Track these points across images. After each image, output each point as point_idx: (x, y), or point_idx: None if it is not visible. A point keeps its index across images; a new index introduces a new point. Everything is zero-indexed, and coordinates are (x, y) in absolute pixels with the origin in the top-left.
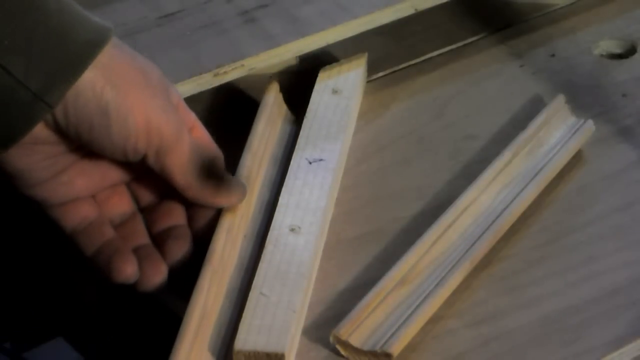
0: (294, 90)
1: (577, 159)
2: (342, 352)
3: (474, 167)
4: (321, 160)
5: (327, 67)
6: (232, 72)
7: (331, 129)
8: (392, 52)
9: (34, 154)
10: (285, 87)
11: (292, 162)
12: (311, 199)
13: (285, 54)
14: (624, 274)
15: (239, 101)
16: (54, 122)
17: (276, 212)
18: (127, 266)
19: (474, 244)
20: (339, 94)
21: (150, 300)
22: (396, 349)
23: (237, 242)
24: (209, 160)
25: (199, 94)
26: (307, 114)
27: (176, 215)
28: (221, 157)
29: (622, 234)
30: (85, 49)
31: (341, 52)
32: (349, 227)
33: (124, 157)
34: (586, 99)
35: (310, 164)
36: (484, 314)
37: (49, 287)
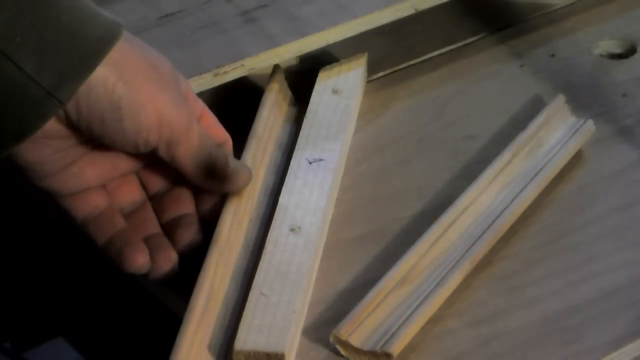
0: (294, 90)
1: (577, 159)
2: (342, 352)
3: (474, 167)
4: (321, 160)
5: (327, 67)
6: (232, 72)
7: (331, 129)
8: (392, 52)
9: (46, 148)
10: None
11: (292, 162)
12: (311, 199)
13: (285, 54)
14: (624, 274)
15: (239, 101)
16: (66, 117)
17: (276, 212)
18: (139, 256)
19: (474, 244)
20: (339, 94)
21: (150, 300)
22: (396, 349)
23: (243, 225)
24: (217, 147)
25: (199, 94)
26: (307, 114)
27: (185, 203)
28: (229, 141)
29: (622, 234)
30: (96, 46)
31: (341, 52)
32: (349, 227)
33: (135, 150)
34: (586, 99)
35: (310, 164)
36: (484, 314)
37: (49, 287)
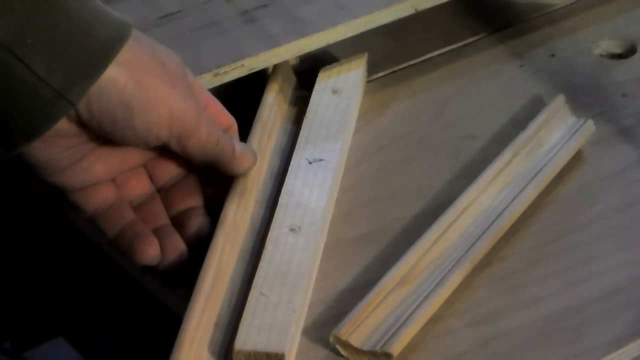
0: (294, 90)
1: (577, 159)
2: (342, 352)
3: (474, 167)
4: (321, 160)
5: (327, 67)
6: (232, 72)
7: (331, 129)
8: (392, 52)
9: (56, 146)
10: None
11: (292, 162)
12: (311, 199)
13: (285, 54)
14: (623, 273)
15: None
16: (77, 117)
17: (276, 212)
18: (150, 248)
19: (474, 244)
20: (339, 94)
21: (150, 300)
22: (396, 349)
23: (249, 207)
24: (223, 132)
25: None
26: (307, 114)
27: (193, 196)
28: (234, 125)
29: (622, 234)
30: (106, 46)
31: (341, 52)
32: (349, 227)
33: (145, 145)
34: (586, 99)
35: (310, 164)
36: (484, 314)
37: (49, 287)
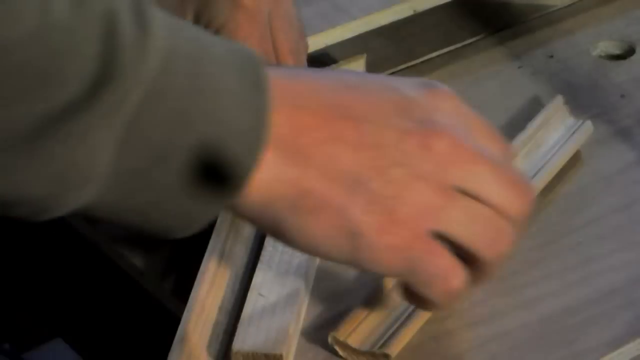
0: None
1: (575, 160)
2: (341, 353)
3: None
4: None
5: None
6: None
7: None
8: (390, 54)
9: None
10: None
11: None
12: None
13: None
14: (622, 274)
15: None
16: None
17: None
18: None
19: None
20: None
21: (149, 300)
22: (394, 349)
23: None
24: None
25: None
26: None
27: None
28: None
29: (620, 235)
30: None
31: (340, 54)
32: None
33: None
34: (585, 99)
35: None
36: (482, 315)
37: (48, 288)
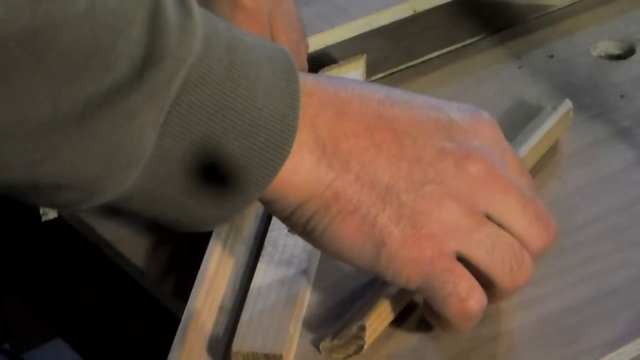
0: None
1: (574, 160)
2: (335, 356)
3: None
4: None
5: (326, 68)
6: None
7: None
8: (391, 54)
9: None
10: None
11: None
12: None
13: None
14: (622, 274)
15: None
16: None
17: None
18: None
19: None
20: None
21: (149, 300)
22: (367, 320)
23: None
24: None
25: None
26: None
27: None
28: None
29: (620, 235)
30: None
31: (340, 54)
32: None
33: None
34: (584, 100)
35: None
36: (482, 315)
37: (48, 287)
